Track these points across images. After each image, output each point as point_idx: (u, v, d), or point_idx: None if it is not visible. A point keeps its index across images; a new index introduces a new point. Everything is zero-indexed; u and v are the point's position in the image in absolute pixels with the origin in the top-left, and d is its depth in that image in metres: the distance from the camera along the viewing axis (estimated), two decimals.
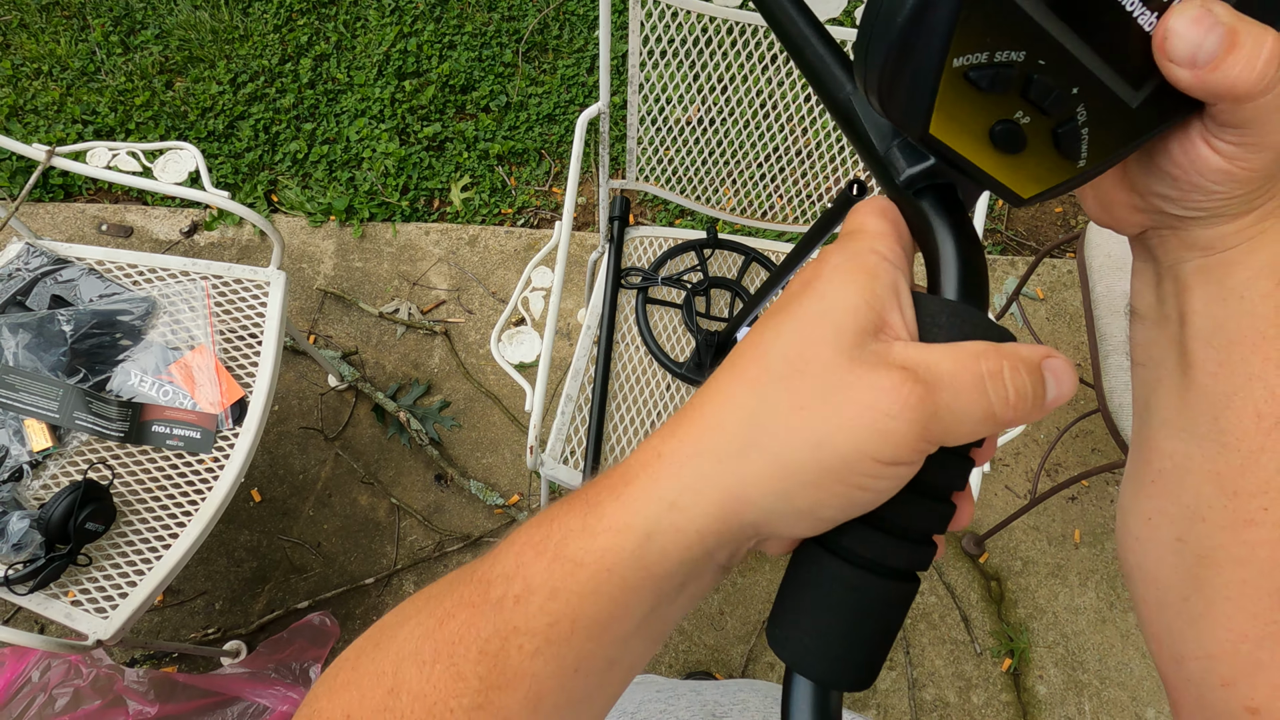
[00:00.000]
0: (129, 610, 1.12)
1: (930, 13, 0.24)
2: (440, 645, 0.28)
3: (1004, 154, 0.27)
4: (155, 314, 1.28)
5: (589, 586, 0.27)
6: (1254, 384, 0.30)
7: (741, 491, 0.26)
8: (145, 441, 1.22)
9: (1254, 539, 0.30)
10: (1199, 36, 0.24)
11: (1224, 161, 0.27)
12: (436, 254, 1.95)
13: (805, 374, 0.26)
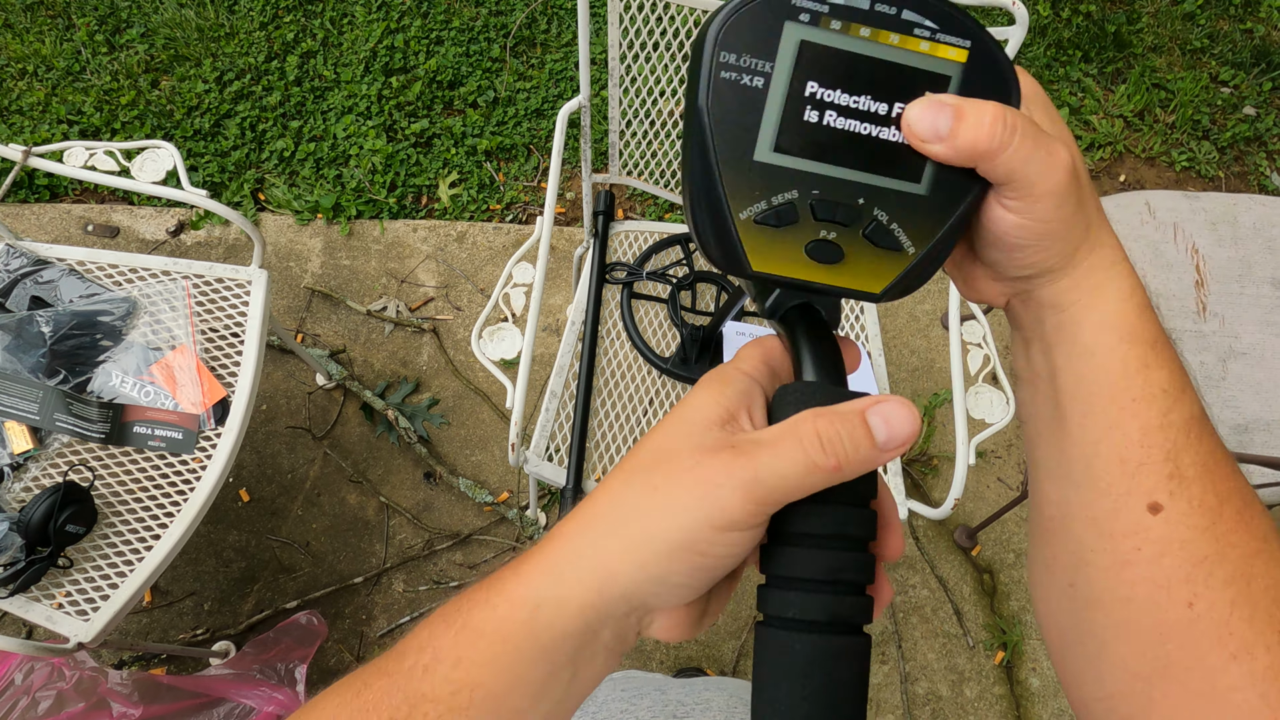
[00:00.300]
0: (110, 612, 1.11)
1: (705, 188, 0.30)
2: (355, 713, 0.30)
3: (831, 265, 0.31)
4: (136, 314, 1.28)
5: (487, 655, 0.29)
6: (1114, 432, 0.33)
7: (610, 566, 0.29)
8: (127, 443, 1.21)
9: (1132, 578, 0.32)
10: (933, 116, 0.30)
11: (1016, 216, 0.32)
12: (424, 251, 1.94)
13: (662, 463, 0.30)
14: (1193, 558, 0.31)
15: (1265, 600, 0.31)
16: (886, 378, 1.31)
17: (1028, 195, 0.31)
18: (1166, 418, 0.33)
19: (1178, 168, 2.23)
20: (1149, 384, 0.33)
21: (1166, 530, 0.32)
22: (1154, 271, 1.35)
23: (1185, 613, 0.31)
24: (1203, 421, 0.33)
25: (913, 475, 1.78)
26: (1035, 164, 0.31)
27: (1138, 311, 0.34)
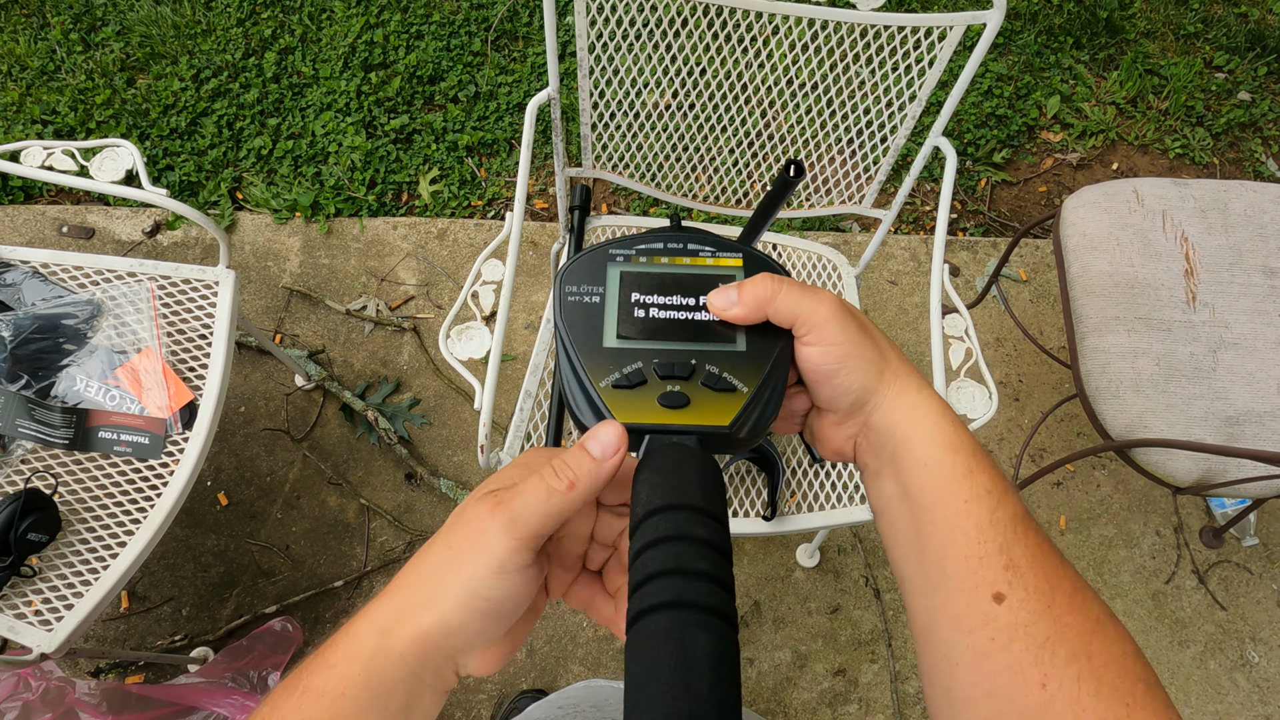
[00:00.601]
0: (75, 622, 1.08)
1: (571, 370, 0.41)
2: None
3: (681, 409, 0.40)
4: (101, 317, 1.25)
5: (330, 712, 0.33)
6: (956, 533, 0.38)
7: (420, 620, 0.34)
8: (91, 448, 1.19)
9: (992, 669, 0.35)
10: (724, 295, 0.41)
11: (815, 347, 0.40)
12: (404, 249, 1.91)
13: (458, 526, 0.37)
14: (1036, 640, 0.35)
15: (1108, 674, 0.34)
16: None
17: (812, 325, 0.40)
18: (994, 515, 0.38)
19: (1171, 155, 2.20)
20: (975, 486, 0.38)
21: (1011, 617, 0.35)
22: (1142, 261, 1.32)
23: (1040, 694, 0.34)
24: (1026, 518, 0.39)
25: None
26: (806, 302, 0.40)
27: (953, 426, 0.40)
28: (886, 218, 1.31)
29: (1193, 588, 1.71)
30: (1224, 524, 1.70)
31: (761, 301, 0.41)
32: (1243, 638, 1.67)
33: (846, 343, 0.40)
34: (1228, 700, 1.62)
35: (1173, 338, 1.27)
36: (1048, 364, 1.88)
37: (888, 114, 1.18)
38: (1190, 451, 1.20)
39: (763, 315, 0.41)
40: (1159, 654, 1.65)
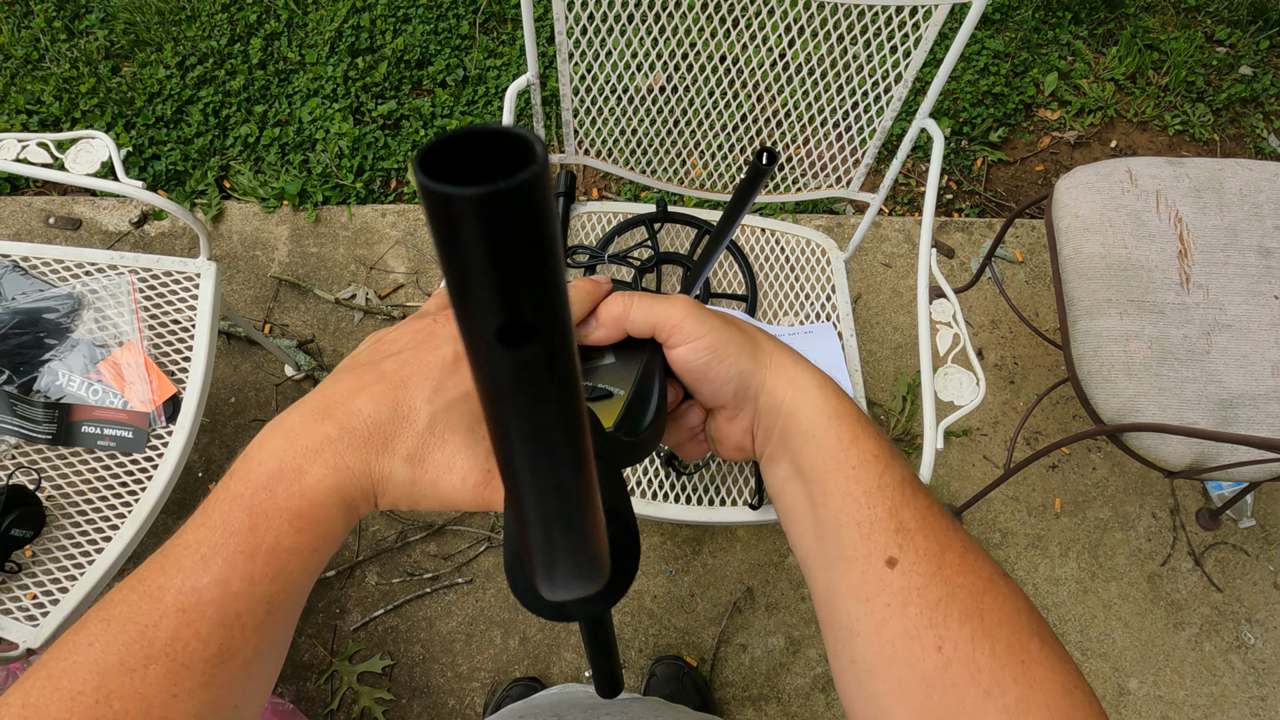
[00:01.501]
0: (61, 617, 1.08)
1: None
2: (154, 647, 0.31)
3: None
4: (82, 311, 1.24)
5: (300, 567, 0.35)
6: (848, 500, 0.38)
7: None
8: (75, 443, 1.18)
9: (891, 635, 0.35)
10: (585, 325, 0.42)
11: (681, 347, 0.41)
12: (394, 236, 1.90)
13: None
14: (929, 602, 0.35)
15: (1002, 632, 0.34)
16: (858, 356, 1.27)
17: (671, 328, 0.41)
18: (881, 479, 0.38)
19: (1171, 131, 2.17)
20: (863, 452, 0.39)
21: (905, 581, 0.36)
22: (1135, 243, 1.30)
23: (937, 658, 0.34)
24: (914, 481, 0.39)
25: None
26: (659, 308, 0.41)
27: (836, 395, 0.41)
28: (874, 201, 1.29)
29: (1189, 570, 1.70)
30: (1221, 506, 1.68)
31: (617, 318, 0.42)
32: (1238, 619, 1.67)
33: (709, 333, 0.41)
34: (1223, 682, 1.62)
35: (1166, 320, 1.26)
36: (1043, 346, 1.87)
37: (874, 96, 1.16)
38: (1183, 436, 1.19)
39: (622, 330, 0.42)
40: (1153, 637, 1.64)
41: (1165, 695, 1.60)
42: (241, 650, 0.33)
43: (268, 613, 0.33)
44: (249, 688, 0.34)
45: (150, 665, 0.31)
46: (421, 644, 1.57)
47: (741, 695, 1.56)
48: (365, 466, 0.35)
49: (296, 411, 0.37)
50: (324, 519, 0.34)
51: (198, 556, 0.33)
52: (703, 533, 1.67)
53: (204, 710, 0.32)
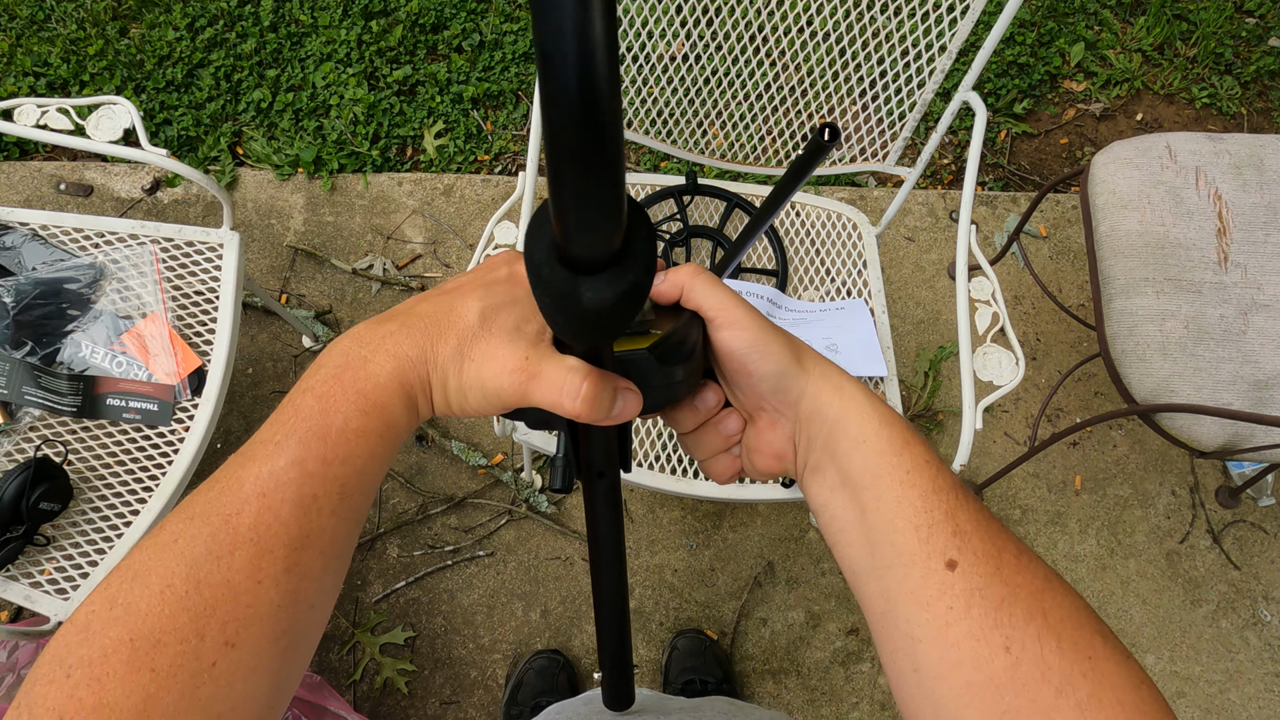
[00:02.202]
0: (90, 590, 1.08)
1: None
2: (239, 534, 0.33)
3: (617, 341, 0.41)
4: (104, 281, 1.22)
5: (368, 451, 0.37)
6: (903, 505, 0.38)
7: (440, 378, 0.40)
8: (100, 416, 1.17)
9: (955, 638, 0.35)
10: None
11: (727, 332, 0.42)
12: (410, 205, 1.87)
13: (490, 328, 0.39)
14: (993, 602, 0.35)
15: (1066, 630, 0.34)
16: (890, 334, 1.25)
17: (721, 311, 0.42)
18: (935, 483, 0.38)
19: (1198, 105, 2.13)
20: (914, 458, 0.39)
21: (966, 582, 0.35)
22: (1174, 220, 1.28)
23: (1006, 658, 0.34)
24: (963, 486, 0.39)
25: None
26: (719, 291, 0.43)
27: (882, 402, 0.41)
28: (911, 175, 1.26)
29: (1207, 547, 1.70)
30: (1241, 484, 1.68)
31: (680, 284, 0.43)
32: (1255, 597, 1.67)
33: (755, 328, 0.42)
34: (1238, 659, 1.63)
35: (1203, 299, 1.24)
36: (1066, 322, 1.85)
37: (916, 66, 1.13)
38: (1217, 417, 1.18)
39: (678, 294, 0.43)
40: (1170, 614, 1.65)
41: (1181, 671, 1.62)
42: (320, 537, 0.34)
43: (341, 497, 0.35)
44: (324, 584, 0.35)
45: (236, 551, 0.32)
46: (443, 616, 1.57)
47: (762, 669, 1.57)
48: (421, 353, 0.38)
49: (364, 321, 0.40)
50: (386, 402, 0.37)
51: (273, 444, 0.35)
52: (723, 507, 1.67)
53: (286, 600, 0.33)
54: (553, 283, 0.27)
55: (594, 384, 0.37)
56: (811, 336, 1.21)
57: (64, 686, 0.29)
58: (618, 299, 0.27)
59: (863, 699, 1.56)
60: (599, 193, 0.24)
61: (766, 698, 1.55)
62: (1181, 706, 1.59)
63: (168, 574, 0.32)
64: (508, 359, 0.38)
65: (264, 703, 0.33)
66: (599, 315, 0.28)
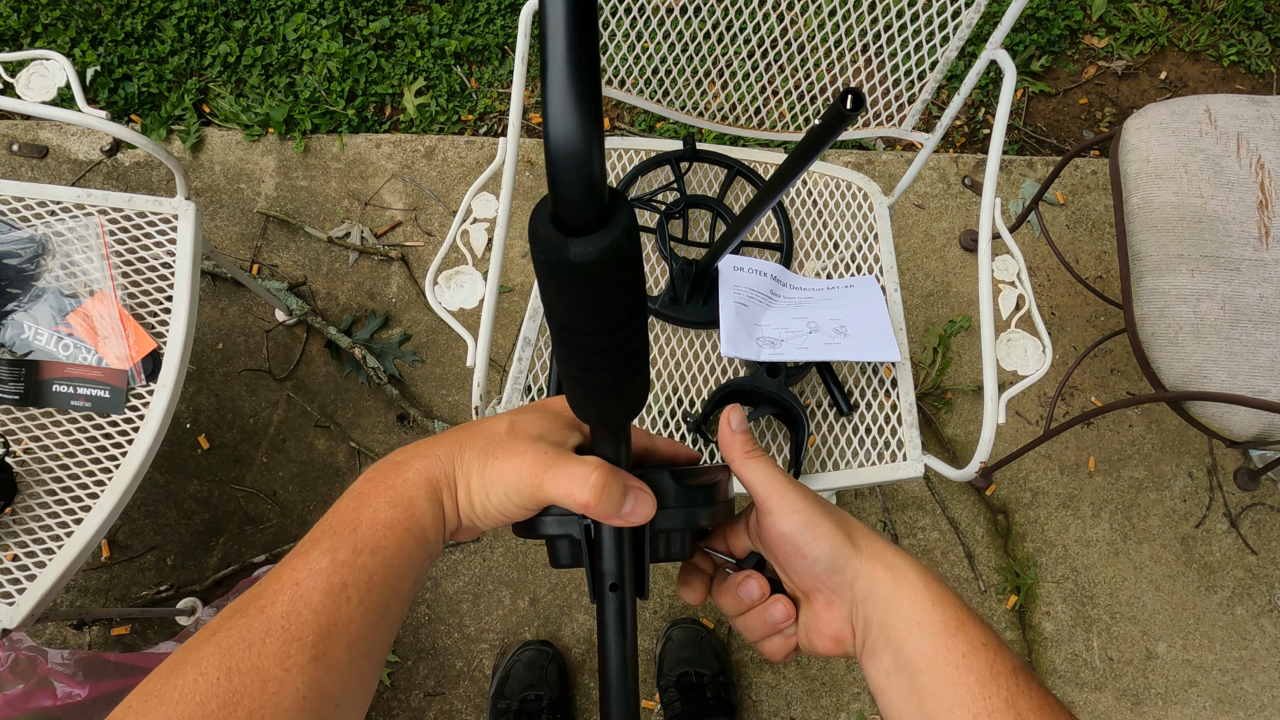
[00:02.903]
0: (38, 594, 1.00)
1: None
2: (272, 622, 0.34)
3: None
4: (46, 256, 1.12)
5: (395, 544, 0.39)
6: (960, 690, 0.37)
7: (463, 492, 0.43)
8: (46, 403, 1.07)
9: None
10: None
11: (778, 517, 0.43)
12: (389, 169, 1.75)
13: (507, 440, 0.43)
14: None
15: None
16: (902, 314, 1.16)
17: (771, 495, 0.43)
18: (994, 667, 0.38)
19: (1225, 62, 2.01)
20: (970, 639, 0.39)
21: None
22: (1212, 191, 1.18)
23: None
24: (1026, 670, 0.38)
25: (925, 410, 1.65)
26: (765, 476, 0.44)
27: (936, 582, 0.41)
28: (929, 142, 1.16)
29: (1223, 531, 1.63)
30: (1262, 467, 1.61)
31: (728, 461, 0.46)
32: (1272, 582, 1.61)
33: (806, 509, 0.42)
34: (1253, 646, 1.57)
35: (1241, 278, 1.15)
36: (1083, 295, 1.76)
37: (940, 20, 1.02)
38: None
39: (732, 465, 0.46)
40: (1184, 600, 1.59)
41: (1194, 659, 1.56)
42: (347, 627, 0.35)
43: (369, 587, 0.36)
44: (350, 681, 0.36)
45: (267, 638, 0.34)
46: (427, 604, 1.50)
47: (760, 659, 1.51)
48: (449, 454, 0.41)
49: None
50: (413, 496, 0.40)
51: (310, 540, 0.38)
52: None
53: (311, 691, 0.34)
54: (546, 239, 0.30)
55: (605, 475, 0.39)
56: (819, 317, 1.11)
57: None
58: (600, 253, 0.30)
59: (863, 689, 1.50)
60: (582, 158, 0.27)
61: (764, 688, 1.49)
62: (1193, 696, 1.54)
63: (202, 663, 0.33)
64: (527, 454, 0.40)
65: None
66: (584, 268, 0.30)
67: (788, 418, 1.07)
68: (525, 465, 0.40)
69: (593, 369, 0.35)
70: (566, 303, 0.32)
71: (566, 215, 0.30)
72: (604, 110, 1.82)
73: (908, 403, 1.10)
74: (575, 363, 0.35)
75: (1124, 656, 1.56)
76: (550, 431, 0.42)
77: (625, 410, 0.39)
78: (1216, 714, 1.53)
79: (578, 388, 0.37)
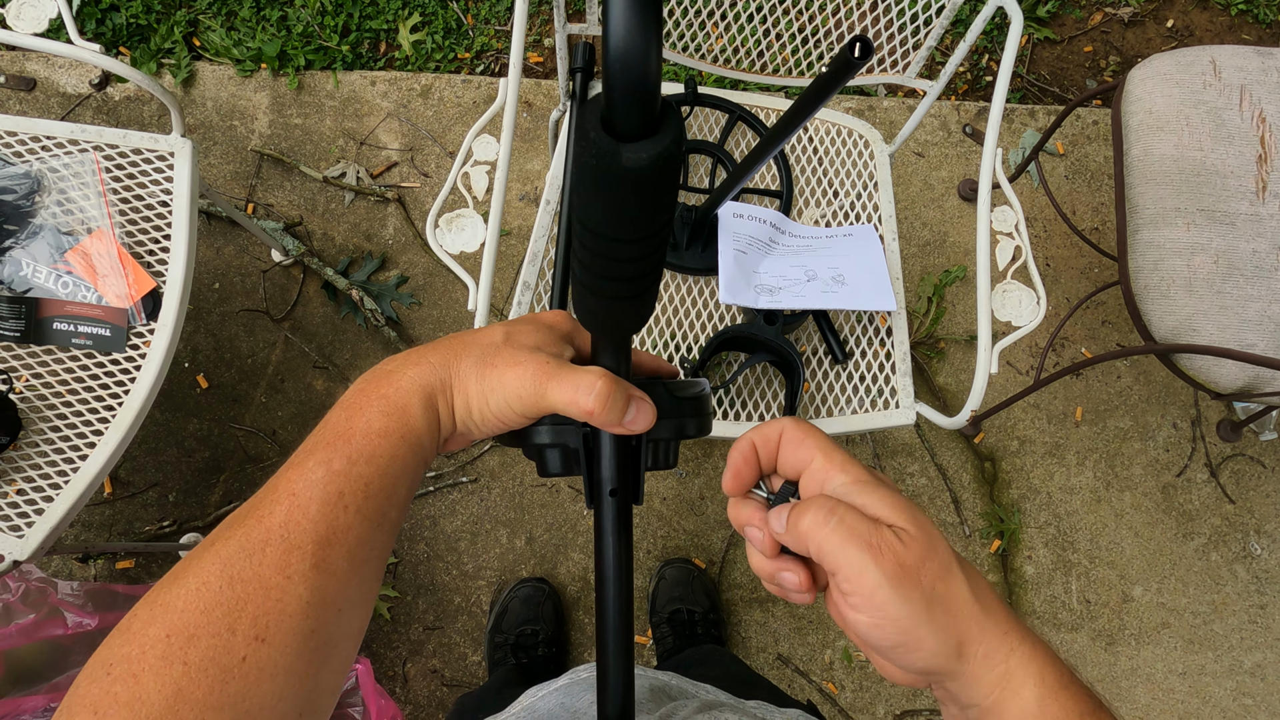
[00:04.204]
0: (48, 527, 1.02)
1: None
2: (270, 531, 0.34)
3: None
4: (42, 193, 1.11)
5: (390, 452, 0.38)
6: None
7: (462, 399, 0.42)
8: (46, 341, 1.08)
9: None
10: (778, 521, 0.40)
11: (864, 621, 0.36)
12: (385, 108, 1.73)
13: (504, 349, 0.42)
14: None
15: None
16: (900, 263, 1.17)
17: (855, 587, 0.36)
18: None
19: (1233, 11, 1.98)
20: None
21: None
22: (1212, 145, 1.18)
23: None
24: None
25: (917, 359, 1.67)
26: (852, 555, 0.36)
27: (1055, 693, 0.35)
28: (933, 90, 1.15)
29: (1203, 481, 1.68)
30: (1245, 419, 1.64)
31: (802, 535, 0.37)
32: (1247, 530, 1.66)
33: (903, 619, 0.35)
34: (1225, 590, 1.63)
35: (1236, 233, 1.16)
36: (1078, 247, 1.77)
37: None
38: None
39: (800, 546, 0.38)
40: (1162, 546, 1.64)
41: (1168, 602, 1.62)
42: (345, 535, 0.35)
43: (365, 496, 0.36)
44: (350, 587, 0.36)
45: (266, 547, 0.34)
46: (425, 542, 1.53)
47: (749, 597, 1.56)
48: (444, 362, 0.41)
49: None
50: (407, 404, 0.39)
51: (304, 452, 0.37)
52: (714, 437, 1.62)
53: (314, 598, 0.34)
54: (598, 144, 0.29)
55: (610, 384, 0.39)
56: (817, 265, 1.12)
57: (103, 683, 0.31)
58: (652, 160, 0.29)
59: None
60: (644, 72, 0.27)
61: (753, 625, 1.54)
62: (1164, 637, 1.60)
63: (204, 572, 0.33)
64: (529, 363, 0.40)
65: (290, 707, 0.33)
66: (635, 174, 0.30)
67: (784, 365, 1.09)
68: (528, 374, 0.39)
69: (617, 276, 0.35)
70: (606, 208, 0.32)
71: (622, 120, 0.29)
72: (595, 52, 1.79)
73: (902, 352, 1.11)
74: (599, 269, 0.35)
75: (1101, 599, 1.61)
76: (547, 343, 0.42)
77: (638, 319, 0.39)
78: (1186, 654, 1.59)
79: (595, 295, 0.37)
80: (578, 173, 0.32)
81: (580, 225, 0.33)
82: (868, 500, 0.38)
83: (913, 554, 0.36)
